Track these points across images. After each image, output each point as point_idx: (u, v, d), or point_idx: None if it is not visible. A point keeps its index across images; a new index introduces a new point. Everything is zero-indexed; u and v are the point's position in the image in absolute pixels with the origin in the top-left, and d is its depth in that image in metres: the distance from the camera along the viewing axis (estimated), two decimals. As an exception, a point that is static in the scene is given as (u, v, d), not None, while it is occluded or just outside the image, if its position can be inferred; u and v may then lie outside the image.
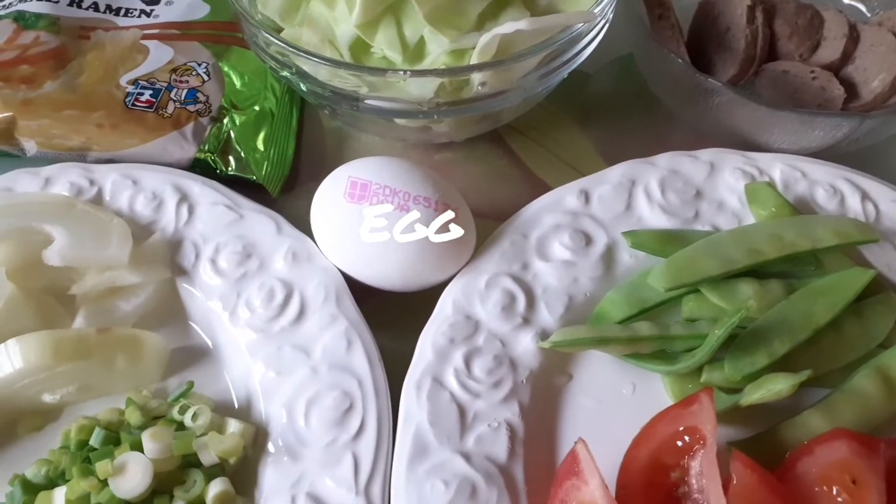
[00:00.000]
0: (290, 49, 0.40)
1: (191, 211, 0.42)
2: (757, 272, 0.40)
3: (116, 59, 0.49)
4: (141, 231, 0.42)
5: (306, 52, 0.40)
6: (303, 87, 0.43)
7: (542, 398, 0.38)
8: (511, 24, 0.37)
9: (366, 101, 0.42)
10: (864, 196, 0.43)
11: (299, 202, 0.47)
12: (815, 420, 0.36)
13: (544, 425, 0.37)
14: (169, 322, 0.40)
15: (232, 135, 0.47)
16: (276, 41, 0.41)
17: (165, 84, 0.48)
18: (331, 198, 0.40)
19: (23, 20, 0.50)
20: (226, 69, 0.50)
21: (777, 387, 0.35)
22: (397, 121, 0.45)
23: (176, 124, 0.47)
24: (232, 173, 0.47)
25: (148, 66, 0.49)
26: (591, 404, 0.38)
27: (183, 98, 0.48)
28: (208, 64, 0.50)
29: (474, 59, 0.39)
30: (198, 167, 0.46)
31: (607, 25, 0.43)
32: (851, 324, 0.39)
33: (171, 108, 0.47)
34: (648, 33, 0.46)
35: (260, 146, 0.47)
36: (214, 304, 0.40)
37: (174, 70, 0.49)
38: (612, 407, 0.38)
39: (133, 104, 0.47)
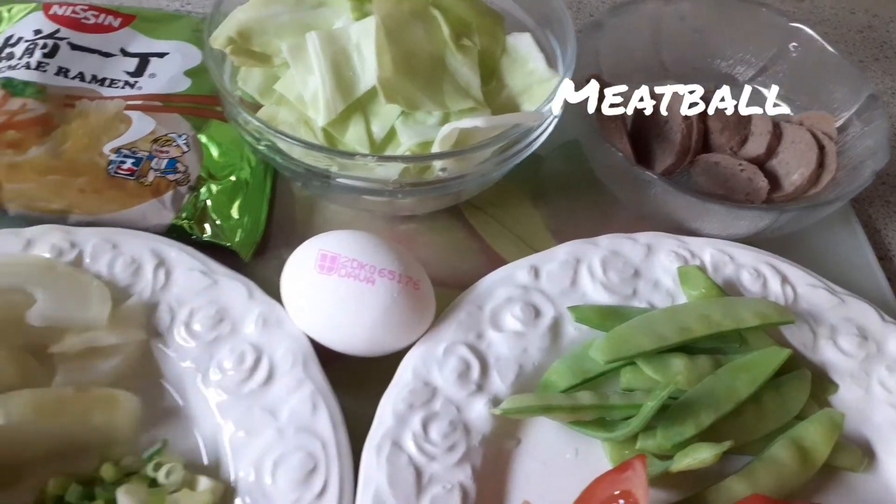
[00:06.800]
0: (268, 129, 0.44)
1: (167, 276, 0.45)
2: (687, 348, 0.44)
3: (100, 128, 0.52)
4: (119, 293, 0.44)
5: (282, 132, 0.44)
6: (278, 162, 0.46)
7: (492, 461, 0.41)
8: (469, 121, 0.41)
9: (336, 179, 0.45)
10: (784, 279, 0.48)
11: (269, 265, 0.49)
12: (737, 486, 0.40)
13: (494, 487, 0.40)
14: (143, 381, 0.42)
15: (208, 203, 0.50)
16: (254, 120, 0.44)
17: (147, 153, 0.51)
18: (301, 268, 0.43)
19: (11, 87, 0.52)
20: (204, 141, 0.53)
21: (702, 455, 0.38)
22: (364, 196, 0.48)
23: (156, 192, 0.49)
24: (207, 239, 0.49)
25: (130, 135, 0.52)
26: (537, 467, 0.41)
27: (163, 168, 0.50)
28: (188, 135, 0.52)
29: (435, 148, 0.43)
30: (174, 233, 0.49)
31: (556, 120, 0.48)
32: (770, 397, 0.43)
33: (151, 176, 0.50)
34: (594, 127, 0.50)
35: (234, 214, 0.50)
36: (187, 365, 0.42)
37: (155, 140, 0.52)
38: (556, 470, 0.41)
39: (115, 172, 0.49)
